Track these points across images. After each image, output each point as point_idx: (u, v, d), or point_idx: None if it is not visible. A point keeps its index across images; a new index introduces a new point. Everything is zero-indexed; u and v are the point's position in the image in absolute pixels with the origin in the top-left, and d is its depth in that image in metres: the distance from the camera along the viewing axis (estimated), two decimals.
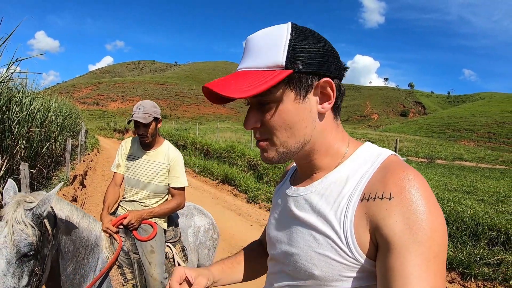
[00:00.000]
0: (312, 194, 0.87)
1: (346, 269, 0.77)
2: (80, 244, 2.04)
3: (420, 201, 0.70)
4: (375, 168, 0.80)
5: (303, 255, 0.84)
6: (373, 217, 0.74)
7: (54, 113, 10.44)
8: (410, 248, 0.67)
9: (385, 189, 0.74)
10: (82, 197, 8.30)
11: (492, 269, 4.53)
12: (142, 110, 2.56)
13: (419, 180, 0.73)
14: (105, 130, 45.48)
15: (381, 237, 0.71)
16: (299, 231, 0.87)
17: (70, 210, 2.04)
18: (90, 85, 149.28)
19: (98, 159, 17.20)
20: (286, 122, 0.82)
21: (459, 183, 11.11)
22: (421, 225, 0.68)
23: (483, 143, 51.66)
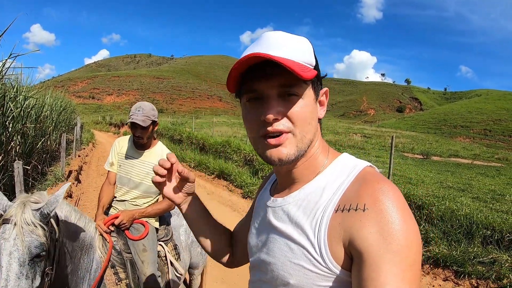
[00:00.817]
0: (290, 205, 0.89)
1: (321, 278, 0.78)
2: (77, 245, 2.03)
3: (394, 212, 0.71)
4: (350, 180, 0.82)
5: (279, 265, 0.86)
6: (347, 228, 0.74)
7: (49, 108, 10.37)
8: (385, 258, 0.67)
9: (359, 200, 0.75)
10: (78, 192, 8.30)
11: (485, 268, 4.57)
12: (142, 113, 2.56)
13: (393, 192, 0.75)
14: (100, 124, 45.36)
15: (355, 248, 0.72)
16: (276, 240, 0.89)
17: (69, 210, 2.03)
18: (86, 78, 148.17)
19: (93, 154, 17.17)
20: (309, 117, 0.84)
21: (454, 180, 11.16)
22: (395, 235, 0.69)
23: (479, 140, 51.90)
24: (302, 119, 0.82)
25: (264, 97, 0.82)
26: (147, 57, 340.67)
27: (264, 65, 0.77)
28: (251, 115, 0.85)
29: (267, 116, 0.80)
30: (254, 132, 0.85)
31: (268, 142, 0.82)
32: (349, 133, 31.93)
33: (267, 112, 0.80)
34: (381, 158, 16.40)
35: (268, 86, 0.80)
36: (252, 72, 0.81)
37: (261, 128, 0.83)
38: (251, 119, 0.85)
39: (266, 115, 0.80)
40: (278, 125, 0.81)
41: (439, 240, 5.39)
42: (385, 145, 23.50)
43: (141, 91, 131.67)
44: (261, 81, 0.80)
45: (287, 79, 0.78)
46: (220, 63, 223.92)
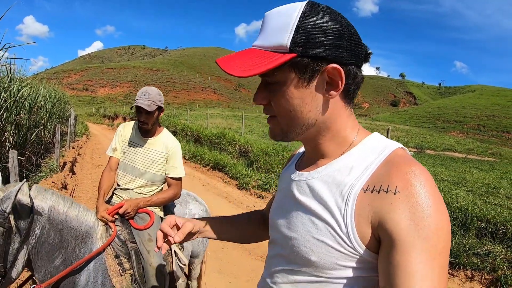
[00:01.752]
0: (316, 180, 0.86)
1: (344, 258, 0.77)
2: (68, 234, 1.97)
3: (426, 197, 0.69)
4: (380, 160, 0.79)
5: (301, 240, 0.84)
6: (377, 209, 0.73)
7: (43, 99, 10.26)
8: (415, 244, 0.66)
9: (390, 182, 0.73)
10: (72, 184, 8.23)
11: (480, 259, 4.60)
12: (147, 97, 2.50)
13: (425, 176, 0.72)
14: (94, 116, 45.15)
15: (385, 231, 0.71)
16: (300, 215, 0.87)
17: (55, 199, 1.96)
18: (80, 70, 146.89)
19: (87, 146, 17.05)
20: (289, 105, 0.81)
21: (449, 173, 11.24)
22: (427, 222, 0.67)
23: (473, 135, 52.18)
24: (281, 107, 0.83)
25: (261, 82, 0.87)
26: (141, 49, 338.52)
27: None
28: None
29: (254, 100, 0.87)
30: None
31: (267, 121, 0.90)
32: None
33: (254, 97, 0.87)
34: None
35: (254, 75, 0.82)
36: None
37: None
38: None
39: (254, 99, 0.86)
40: (267, 110, 0.87)
41: None
42: None
43: (135, 83, 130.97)
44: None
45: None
46: (214, 55, 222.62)
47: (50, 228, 1.89)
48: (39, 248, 1.86)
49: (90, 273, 2.05)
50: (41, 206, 1.87)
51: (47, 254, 1.89)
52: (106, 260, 2.14)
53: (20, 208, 1.75)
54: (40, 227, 1.85)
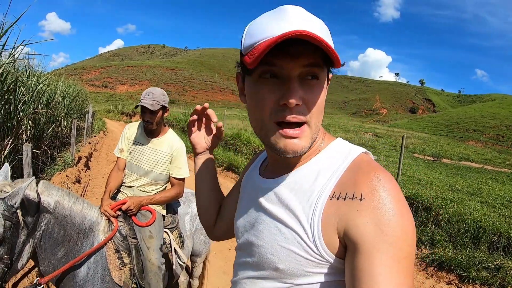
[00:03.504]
0: (282, 187, 0.85)
1: (311, 265, 0.76)
2: (72, 229, 2.04)
3: (390, 203, 0.69)
4: (346, 166, 0.79)
5: (268, 248, 0.83)
6: (343, 216, 0.72)
7: (61, 95, 10.46)
8: (380, 248, 0.66)
9: (356, 189, 0.73)
10: (86, 178, 8.36)
11: (490, 274, 4.52)
12: (151, 97, 2.56)
13: (389, 182, 0.73)
14: (112, 113, 45.71)
15: (351, 237, 0.70)
16: (266, 223, 0.86)
17: (61, 195, 2.03)
18: (99, 67, 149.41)
19: (104, 142, 17.29)
20: (323, 104, 0.80)
21: (464, 184, 11.03)
22: (391, 226, 0.67)
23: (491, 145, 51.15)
24: (319, 107, 0.78)
25: (284, 77, 0.74)
26: (161, 48, 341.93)
27: (286, 43, 0.68)
28: (265, 95, 0.76)
29: (289, 100, 0.72)
30: (265, 116, 0.77)
31: (285, 133, 0.76)
32: (361, 131, 31.78)
33: (291, 95, 0.72)
34: (391, 158, 16.28)
35: (292, 66, 0.73)
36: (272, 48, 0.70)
37: (276, 112, 0.76)
38: (264, 99, 0.77)
39: (289, 99, 0.72)
40: (299, 114, 0.75)
41: (445, 243, 5.34)
42: (396, 145, 23.31)
43: (154, 82, 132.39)
44: (285, 59, 0.72)
45: (314, 60, 0.73)
46: (234, 56, 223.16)
47: (55, 222, 1.96)
48: (43, 241, 1.93)
49: (90, 266, 2.12)
50: (47, 201, 1.94)
51: (51, 247, 1.96)
52: (106, 254, 2.21)
53: (28, 203, 1.81)
54: (46, 222, 1.92)
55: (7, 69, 5.21)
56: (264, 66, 0.74)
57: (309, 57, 0.72)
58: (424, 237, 5.56)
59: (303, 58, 0.72)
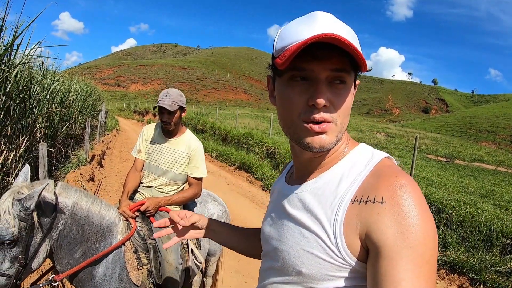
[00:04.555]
0: (306, 193, 0.88)
1: (334, 268, 0.78)
2: (89, 229, 2.07)
3: (412, 207, 0.70)
4: (368, 171, 0.81)
5: (292, 252, 0.85)
6: (364, 220, 0.74)
7: (75, 93, 10.60)
8: (402, 253, 0.67)
9: (377, 193, 0.75)
10: (100, 177, 8.47)
11: (502, 277, 4.47)
12: (169, 98, 2.59)
13: (411, 186, 0.74)
14: (125, 111, 46.11)
15: (372, 241, 0.72)
16: (290, 228, 0.88)
17: (79, 196, 2.06)
18: (112, 66, 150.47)
19: (117, 140, 17.45)
20: (349, 108, 0.84)
21: (477, 185, 10.91)
22: (413, 230, 0.68)
23: (505, 146, 50.22)
24: (345, 109, 0.82)
25: (313, 79, 0.79)
26: (173, 47, 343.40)
27: (315, 46, 0.73)
28: (295, 96, 0.81)
29: (317, 100, 0.77)
30: (295, 115, 0.82)
31: (312, 128, 0.80)
32: (373, 131, 31.53)
33: (318, 96, 0.77)
34: (403, 158, 16.16)
35: (320, 69, 0.77)
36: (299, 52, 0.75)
37: (305, 112, 0.80)
38: (293, 100, 0.81)
39: (317, 99, 0.77)
40: (325, 113, 0.79)
41: (457, 245, 5.30)
42: (409, 146, 23.10)
43: (166, 80, 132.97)
44: (313, 62, 0.77)
45: (341, 64, 0.77)
46: (246, 55, 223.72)
47: (72, 223, 1.99)
48: (61, 241, 1.97)
49: (108, 266, 2.15)
50: (65, 202, 1.98)
51: (68, 247, 1.99)
52: (125, 254, 2.22)
53: (45, 205, 1.85)
54: (63, 222, 1.96)
55: (22, 68, 5.30)
56: (294, 71, 0.80)
57: (336, 61, 0.76)
58: None
59: (330, 61, 0.77)
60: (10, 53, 4.78)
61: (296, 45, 0.74)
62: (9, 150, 4.80)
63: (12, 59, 4.87)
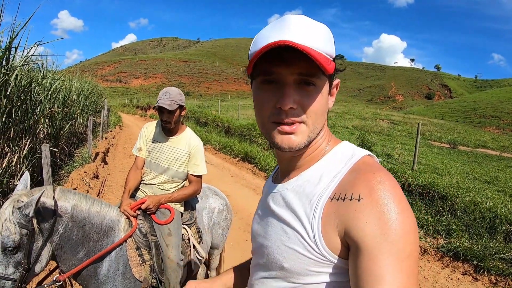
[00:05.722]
0: (288, 191, 0.91)
1: (314, 264, 0.79)
2: (91, 229, 2.13)
3: (390, 202, 0.71)
4: (347, 169, 0.82)
5: (275, 248, 0.88)
6: (342, 217, 0.75)
7: (76, 92, 10.62)
8: (381, 249, 0.68)
9: (354, 190, 0.76)
10: (104, 174, 8.51)
11: (506, 264, 4.48)
12: (168, 97, 2.61)
13: (389, 182, 0.75)
14: (127, 107, 46.19)
15: (351, 238, 0.73)
16: (273, 224, 0.91)
17: (78, 199, 2.12)
18: (113, 62, 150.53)
19: (120, 136, 17.53)
20: (322, 109, 0.85)
21: (481, 172, 10.89)
22: (392, 226, 0.69)
23: (509, 131, 49.78)
24: (316, 111, 0.82)
25: (281, 82, 0.81)
26: (174, 41, 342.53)
27: (282, 50, 0.74)
28: (265, 99, 0.83)
29: (284, 103, 0.79)
30: (265, 117, 0.84)
31: (281, 129, 0.82)
32: (376, 119, 31.33)
33: (285, 100, 0.79)
34: (407, 146, 16.13)
35: (287, 72, 0.79)
36: (268, 55, 0.77)
37: (273, 115, 0.82)
38: (263, 103, 0.84)
39: (283, 103, 0.79)
40: (293, 115, 0.81)
41: (461, 232, 5.30)
42: (412, 133, 22.97)
43: (167, 74, 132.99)
44: (281, 66, 0.79)
45: (308, 68, 0.77)
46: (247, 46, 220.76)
47: (73, 225, 2.06)
48: (62, 244, 2.04)
49: (112, 263, 2.22)
50: (65, 206, 2.04)
51: (71, 248, 2.06)
52: (127, 251, 2.30)
53: (44, 211, 1.92)
54: (64, 226, 2.02)
55: (21, 70, 5.32)
56: (264, 75, 0.82)
57: (304, 65, 0.77)
58: (440, 227, 5.53)
59: (298, 65, 0.78)
60: (9, 55, 4.79)
61: (256, 53, 0.77)
62: (13, 152, 4.85)
63: (11, 61, 4.88)
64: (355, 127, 22.87)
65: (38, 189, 1.96)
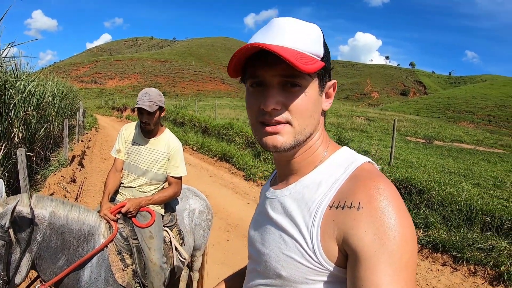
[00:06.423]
0: (286, 197, 0.89)
1: (312, 272, 0.79)
2: (70, 236, 2.08)
3: (389, 211, 0.71)
4: (347, 176, 0.81)
5: (272, 255, 0.87)
6: (341, 225, 0.74)
7: (51, 94, 10.36)
8: (380, 258, 0.67)
9: (354, 198, 0.75)
10: (81, 177, 8.35)
11: (484, 254, 4.60)
12: (148, 98, 2.57)
13: (389, 190, 0.74)
14: (103, 108, 45.43)
15: (350, 246, 0.72)
16: (271, 232, 0.90)
17: (55, 205, 2.07)
18: (88, 63, 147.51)
19: (96, 138, 17.19)
20: (310, 110, 0.83)
21: (456, 165, 11.16)
22: (390, 235, 0.69)
23: (483, 125, 51.45)
24: (302, 111, 0.81)
25: (265, 84, 0.81)
26: (149, 40, 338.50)
27: (267, 53, 0.76)
28: (252, 101, 0.84)
29: (266, 105, 0.79)
30: (253, 118, 0.85)
31: (265, 130, 0.82)
32: (352, 116, 31.74)
33: (266, 101, 0.79)
34: (383, 142, 16.41)
35: (270, 74, 0.80)
36: (255, 59, 0.80)
37: (259, 115, 0.83)
38: (251, 105, 0.85)
39: (265, 104, 0.80)
40: (277, 116, 0.81)
41: (439, 225, 5.41)
42: (388, 129, 23.42)
43: (143, 75, 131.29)
44: (264, 69, 0.79)
45: (290, 70, 0.77)
46: (223, 45, 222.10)
47: (51, 233, 2.00)
48: (42, 252, 1.98)
49: (93, 269, 2.17)
50: (42, 214, 1.98)
51: (50, 257, 2.01)
52: (109, 256, 2.25)
53: (20, 220, 1.86)
54: (42, 234, 1.96)
55: None
56: (251, 78, 0.84)
57: (286, 67, 0.77)
58: (418, 220, 5.63)
59: (279, 67, 0.78)
60: None
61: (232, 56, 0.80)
62: None
63: None
64: (331, 125, 23.17)
65: (13, 198, 1.90)
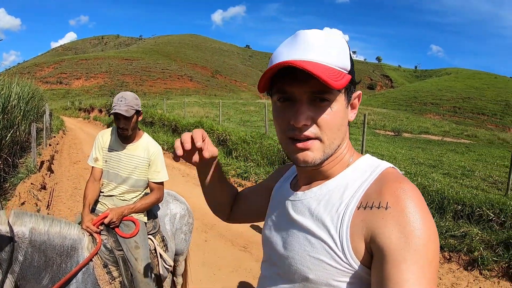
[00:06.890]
0: (311, 199, 0.90)
1: (340, 274, 0.80)
2: (52, 252, 1.98)
3: (414, 211, 0.74)
4: (373, 178, 0.84)
5: (298, 259, 0.87)
6: (369, 225, 0.77)
7: (16, 97, 9.98)
8: (406, 256, 0.70)
9: (381, 198, 0.78)
10: (51, 183, 8.08)
11: (457, 241, 4.78)
12: (124, 103, 2.47)
13: (414, 192, 0.77)
14: (70, 110, 44.30)
15: (377, 245, 0.75)
16: (295, 234, 0.90)
17: (35, 221, 1.95)
18: (53, 63, 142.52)
19: (64, 141, 16.74)
20: (338, 123, 0.85)
21: (425, 156, 11.47)
22: (416, 234, 0.71)
23: (448, 117, 53.10)
24: (332, 126, 0.83)
25: (294, 100, 0.82)
26: (115, 38, 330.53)
27: (296, 68, 0.76)
28: (281, 116, 0.85)
29: (296, 121, 0.80)
30: (282, 133, 0.86)
31: (296, 146, 0.83)
32: None
33: (297, 117, 0.80)
34: (353, 135, 16.60)
35: (299, 91, 0.81)
36: (283, 74, 0.80)
37: (289, 131, 0.84)
38: (280, 120, 0.86)
39: (296, 120, 0.81)
40: (306, 131, 0.82)
41: None
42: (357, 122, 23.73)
43: (110, 74, 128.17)
44: (293, 85, 0.80)
45: (320, 86, 0.78)
46: (190, 42, 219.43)
47: (33, 251, 1.89)
48: (24, 273, 1.87)
49: (79, 285, 2.07)
50: (22, 231, 1.86)
51: (34, 276, 1.90)
52: (94, 270, 2.16)
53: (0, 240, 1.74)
54: (23, 253, 1.85)
55: None
56: (279, 93, 0.85)
57: (315, 83, 0.77)
58: None
59: (309, 83, 0.79)
60: None
61: (265, 72, 0.81)
62: None
63: None
64: None
65: None
